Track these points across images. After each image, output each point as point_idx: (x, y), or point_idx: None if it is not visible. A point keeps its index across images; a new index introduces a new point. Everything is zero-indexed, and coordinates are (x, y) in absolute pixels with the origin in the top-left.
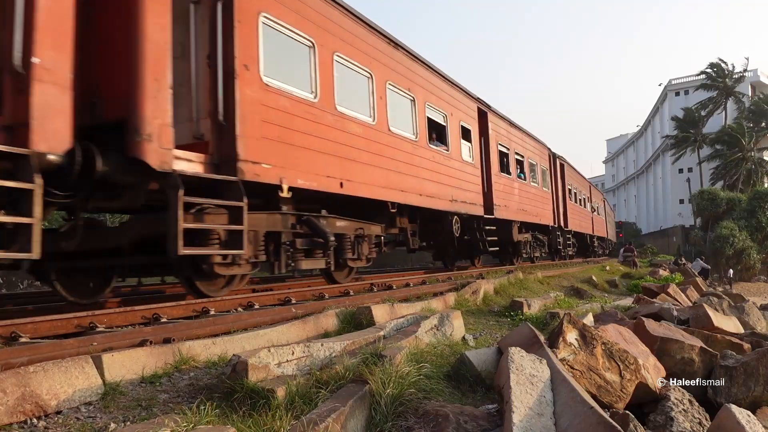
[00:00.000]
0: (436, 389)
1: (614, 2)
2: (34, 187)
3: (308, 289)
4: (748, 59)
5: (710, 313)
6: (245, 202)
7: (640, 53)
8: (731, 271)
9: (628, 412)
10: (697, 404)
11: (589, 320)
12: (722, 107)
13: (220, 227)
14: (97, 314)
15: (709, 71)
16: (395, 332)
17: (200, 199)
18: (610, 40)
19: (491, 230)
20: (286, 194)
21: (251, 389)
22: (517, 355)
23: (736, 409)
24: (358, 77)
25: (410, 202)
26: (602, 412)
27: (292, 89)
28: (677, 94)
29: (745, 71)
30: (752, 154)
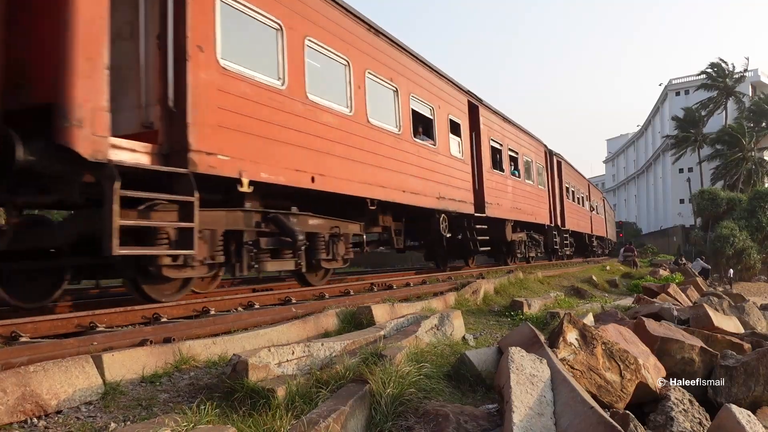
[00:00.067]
0: (436, 389)
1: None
2: None
3: (309, 288)
4: (748, 59)
5: (710, 313)
6: (196, 197)
7: (640, 53)
8: (731, 271)
9: (628, 412)
10: (697, 404)
11: (589, 320)
12: (722, 107)
13: (168, 225)
14: (97, 314)
15: (709, 71)
16: (395, 332)
17: (140, 192)
18: (610, 40)
19: (483, 229)
20: (246, 189)
21: (251, 389)
22: (517, 354)
23: (736, 409)
24: (333, 64)
25: (392, 198)
26: (602, 411)
27: (255, 75)
28: (677, 93)
29: (745, 71)
30: (752, 153)
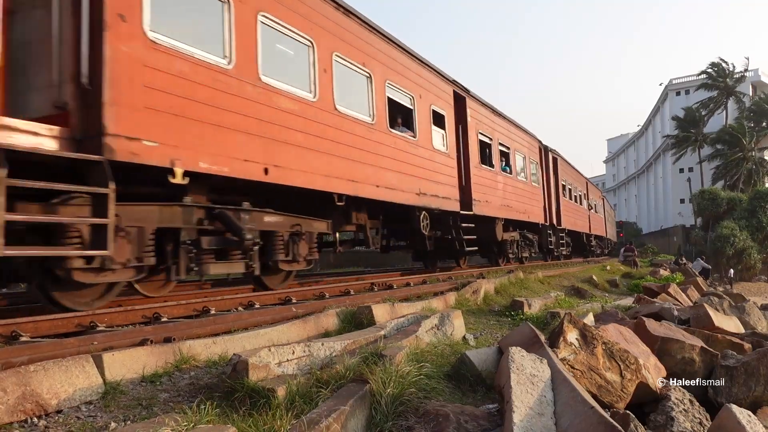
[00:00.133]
0: (436, 389)
1: (614, 2)
2: None
3: (309, 288)
4: (748, 59)
5: (711, 312)
6: (112, 188)
7: (640, 53)
8: (732, 270)
9: (628, 411)
10: (697, 404)
11: (589, 320)
12: (723, 107)
13: (77, 221)
14: (97, 313)
15: (710, 71)
16: (396, 332)
17: (33, 182)
18: (610, 40)
19: (470, 228)
20: (180, 180)
21: (252, 388)
22: (517, 354)
23: (736, 409)
24: (293, 45)
25: (363, 194)
26: (603, 411)
27: (194, 51)
28: (678, 93)
29: (745, 71)
30: (753, 153)
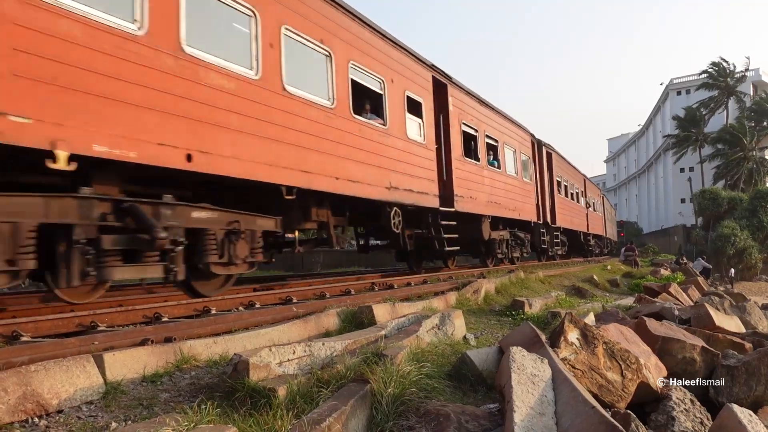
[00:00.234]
0: (437, 389)
1: (614, 2)
2: None
3: (309, 288)
4: (749, 58)
5: (712, 312)
6: None
7: (640, 53)
8: (733, 270)
9: (629, 411)
10: (698, 404)
11: (590, 320)
12: (724, 106)
13: None
14: (98, 313)
15: (710, 70)
16: (396, 331)
17: None
18: (610, 40)
19: (452, 226)
20: (64, 166)
21: (252, 388)
22: (518, 354)
23: (737, 408)
24: (229, 13)
25: (319, 186)
26: (604, 411)
27: (85, 10)
28: (678, 93)
29: (746, 70)
30: (754, 153)
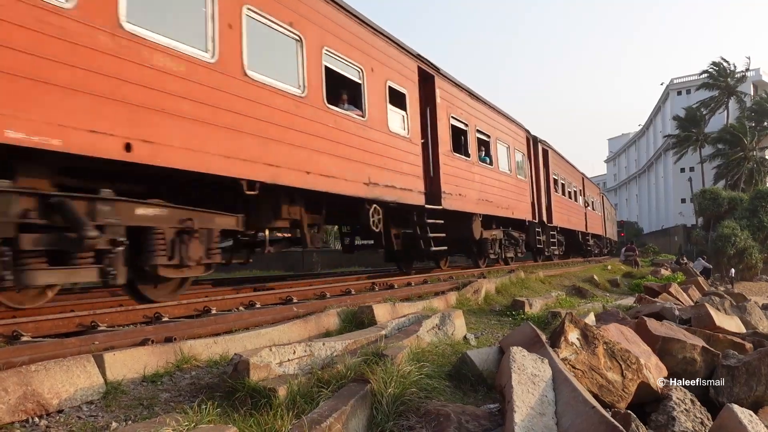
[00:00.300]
0: (437, 389)
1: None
2: None
3: (310, 288)
4: (749, 58)
5: (712, 312)
6: None
7: (640, 53)
8: (733, 270)
9: (629, 411)
10: (698, 404)
11: (590, 320)
12: (724, 106)
13: None
14: (98, 313)
15: (711, 70)
16: (397, 331)
17: None
18: (610, 40)
19: (439, 225)
20: None
21: (253, 388)
22: (518, 354)
23: (738, 408)
24: None
25: (286, 181)
26: (604, 411)
27: None
28: (679, 93)
29: (747, 70)
30: (754, 153)
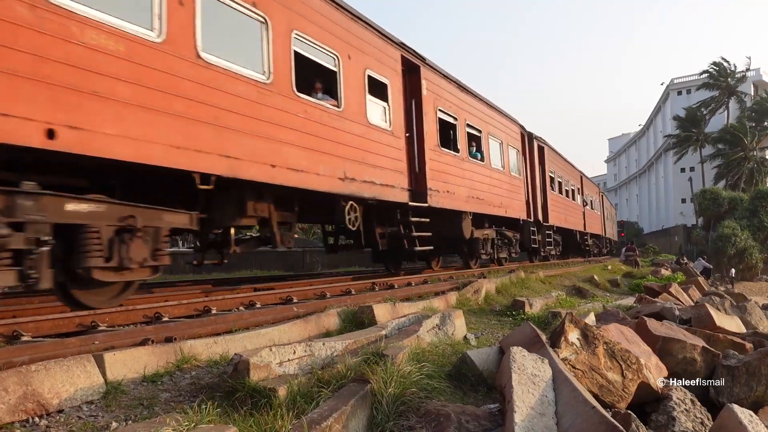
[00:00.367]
0: (437, 388)
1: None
2: None
3: (310, 288)
4: (750, 58)
5: (712, 312)
6: None
7: (640, 53)
8: (733, 270)
9: (630, 411)
10: (699, 404)
11: (590, 320)
12: (724, 106)
13: None
14: (98, 313)
15: (711, 70)
16: (397, 331)
17: None
18: (610, 40)
19: (425, 223)
20: None
21: (253, 388)
22: (518, 354)
23: (738, 409)
24: None
25: (247, 175)
26: (604, 411)
27: None
28: (679, 93)
29: (747, 70)
30: (754, 153)
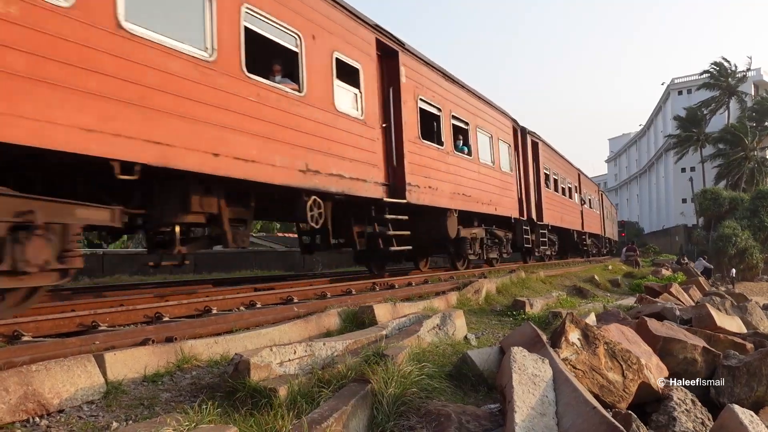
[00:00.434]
0: (438, 389)
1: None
2: None
3: (310, 288)
4: (750, 58)
5: (713, 312)
6: None
7: (640, 53)
8: (734, 270)
9: (630, 412)
10: (699, 404)
11: (591, 320)
12: (725, 106)
13: None
14: (99, 313)
15: (711, 70)
16: (397, 331)
17: None
18: (610, 40)
19: (403, 221)
20: None
21: (253, 388)
22: (519, 354)
23: (738, 409)
24: None
25: (182, 165)
26: (605, 412)
27: None
28: (680, 93)
29: (748, 70)
30: (755, 153)
